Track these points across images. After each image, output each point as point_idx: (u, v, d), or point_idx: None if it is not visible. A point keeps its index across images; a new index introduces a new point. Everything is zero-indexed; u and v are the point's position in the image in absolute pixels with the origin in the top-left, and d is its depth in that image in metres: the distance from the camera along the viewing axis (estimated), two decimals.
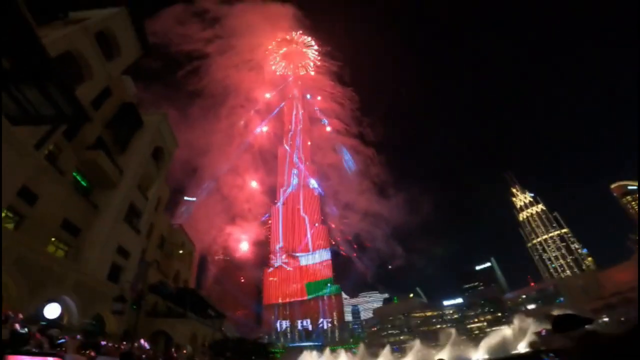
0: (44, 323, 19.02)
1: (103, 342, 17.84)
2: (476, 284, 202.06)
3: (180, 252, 49.14)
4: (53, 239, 23.78)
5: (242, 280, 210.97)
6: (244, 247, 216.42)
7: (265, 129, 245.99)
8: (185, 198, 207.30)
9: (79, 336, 16.95)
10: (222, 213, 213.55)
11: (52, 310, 20.96)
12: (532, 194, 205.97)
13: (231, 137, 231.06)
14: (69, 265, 23.16)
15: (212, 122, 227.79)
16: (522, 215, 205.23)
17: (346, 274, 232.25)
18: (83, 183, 27.71)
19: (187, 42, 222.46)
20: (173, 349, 31.89)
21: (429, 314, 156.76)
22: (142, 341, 22.89)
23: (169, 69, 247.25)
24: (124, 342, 22.10)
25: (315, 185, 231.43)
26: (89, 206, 27.16)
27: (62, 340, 12.56)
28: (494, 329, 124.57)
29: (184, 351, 28.87)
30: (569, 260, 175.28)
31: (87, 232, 26.48)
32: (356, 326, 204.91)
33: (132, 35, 29.42)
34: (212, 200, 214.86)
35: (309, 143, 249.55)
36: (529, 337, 41.40)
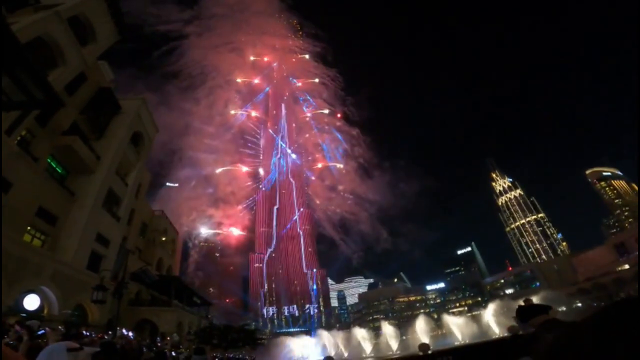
0: (23, 315, 18.57)
1: (86, 333, 17.58)
2: (457, 268, 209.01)
3: (163, 239, 48.49)
4: (29, 228, 23.02)
5: (228, 267, 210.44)
6: (228, 232, 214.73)
7: (246, 112, 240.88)
8: (167, 184, 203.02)
9: (60, 327, 16.64)
10: (205, 197, 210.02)
11: (31, 302, 20.49)
12: (510, 179, 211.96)
13: (211, 119, 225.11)
14: (46, 255, 22.57)
15: (191, 103, 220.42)
16: (501, 200, 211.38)
17: (331, 259, 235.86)
18: (58, 169, 26.83)
19: (163, 22, 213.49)
20: (158, 338, 31.82)
21: (412, 298, 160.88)
22: (124, 330, 22.66)
23: (144, 49, 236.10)
24: (109, 332, 21.84)
25: (295, 157, 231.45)
26: (66, 193, 26.34)
27: (42, 332, 12.29)
28: (473, 313, 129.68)
29: (168, 338, 28.83)
30: (544, 245, 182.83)
31: (64, 220, 25.80)
32: (342, 311, 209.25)
33: (108, 20, 28.45)
34: (194, 184, 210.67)
35: (294, 125, 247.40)
36: (508, 321, 42.88)
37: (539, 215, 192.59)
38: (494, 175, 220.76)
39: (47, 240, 24.53)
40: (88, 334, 17.52)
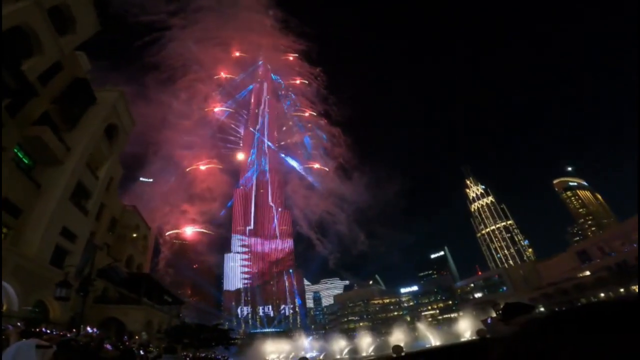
0: None
1: (47, 330, 16.82)
2: (431, 272, 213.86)
3: (134, 235, 46.93)
4: None
5: (201, 265, 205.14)
6: (202, 229, 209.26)
7: (226, 109, 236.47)
8: (141, 179, 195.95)
9: (19, 324, 15.86)
10: (180, 193, 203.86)
11: None
12: (483, 186, 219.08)
13: (190, 114, 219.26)
14: (8, 249, 21.43)
15: (171, 97, 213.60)
16: (474, 206, 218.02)
17: (308, 259, 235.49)
18: (25, 160, 25.57)
19: (147, 13, 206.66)
20: (125, 337, 30.80)
21: (386, 301, 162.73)
22: (89, 328, 21.82)
23: (125, 39, 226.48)
24: (73, 330, 20.98)
25: (275, 156, 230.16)
26: (32, 185, 25.20)
27: None
28: (445, 316, 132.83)
29: (136, 337, 27.98)
30: (512, 251, 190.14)
31: (28, 212, 24.66)
32: (317, 312, 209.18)
33: (91, 11, 27.70)
34: (168, 180, 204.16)
35: (275, 124, 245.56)
36: (476, 325, 44.31)
37: (508, 222, 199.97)
38: (468, 182, 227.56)
39: (9, 234, 23.37)
40: (49, 331, 16.78)
